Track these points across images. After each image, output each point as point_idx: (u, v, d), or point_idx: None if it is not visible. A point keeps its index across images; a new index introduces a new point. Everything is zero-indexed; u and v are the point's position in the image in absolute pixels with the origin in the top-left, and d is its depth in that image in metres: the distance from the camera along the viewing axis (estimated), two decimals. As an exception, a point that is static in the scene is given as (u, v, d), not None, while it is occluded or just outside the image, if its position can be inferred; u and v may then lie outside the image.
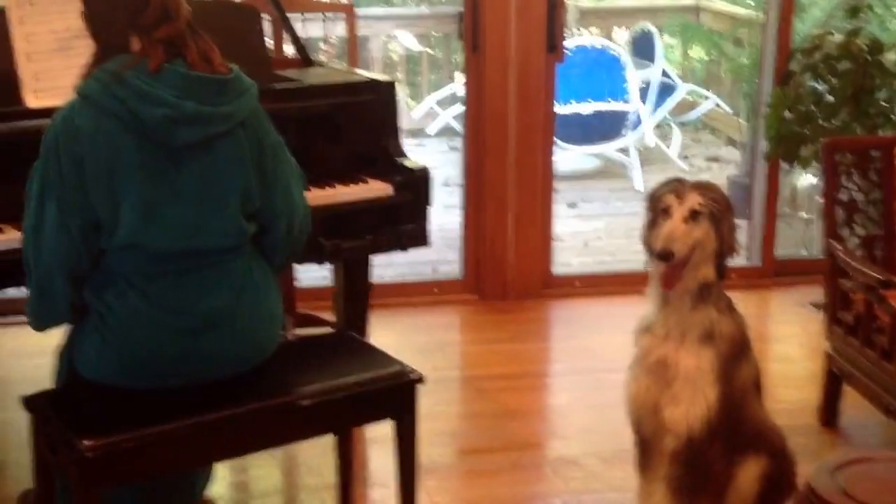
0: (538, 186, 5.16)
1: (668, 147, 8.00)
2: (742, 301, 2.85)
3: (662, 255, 2.89)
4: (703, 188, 2.97)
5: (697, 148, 8.56)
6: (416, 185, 3.66)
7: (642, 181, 7.38)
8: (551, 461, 3.80)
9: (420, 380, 3.01)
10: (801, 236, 6.05)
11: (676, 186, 2.96)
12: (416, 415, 3.03)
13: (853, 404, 3.94)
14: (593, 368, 4.48)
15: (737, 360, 3.01)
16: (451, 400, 4.28)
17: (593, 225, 6.95)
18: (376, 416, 3.06)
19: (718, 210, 2.93)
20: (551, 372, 4.67)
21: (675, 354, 2.98)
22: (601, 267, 5.89)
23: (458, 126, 7.15)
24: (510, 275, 5.16)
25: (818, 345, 4.63)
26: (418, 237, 3.73)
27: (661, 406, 3.00)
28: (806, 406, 4.07)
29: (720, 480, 3.04)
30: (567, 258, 5.91)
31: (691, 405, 2.94)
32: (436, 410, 4.02)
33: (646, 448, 3.13)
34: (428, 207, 3.70)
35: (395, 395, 3.00)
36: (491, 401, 4.23)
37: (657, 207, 2.97)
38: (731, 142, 8.31)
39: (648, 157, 7.88)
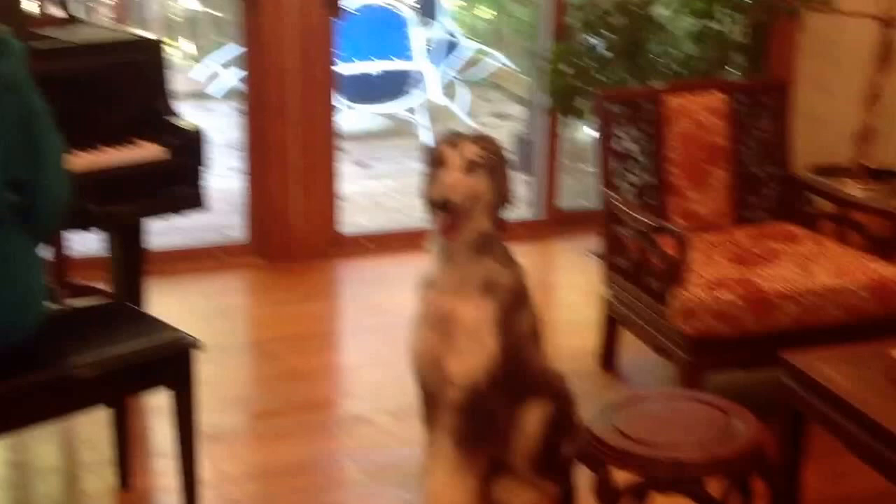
0: (322, 146, 5.11)
1: (457, 106, 8.04)
2: (527, 252, 2.91)
3: (441, 205, 2.90)
4: (479, 139, 3.01)
5: (486, 106, 8.63)
6: (190, 147, 3.57)
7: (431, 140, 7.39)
8: (341, 420, 3.79)
9: (195, 345, 2.95)
10: (584, 188, 6.18)
11: (452, 138, 2.98)
12: (194, 381, 2.97)
13: (630, 347, 4.07)
14: (382, 325, 4.48)
15: (516, 309, 3.06)
16: (239, 365, 4.21)
17: (384, 184, 6.93)
18: (151, 385, 2.99)
19: (494, 161, 2.97)
20: (340, 331, 4.65)
21: (455, 307, 3.00)
22: (388, 225, 5.89)
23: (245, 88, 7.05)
24: (296, 236, 5.11)
25: (598, 292, 4.78)
26: (194, 200, 3.64)
27: (444, 359, 3.02)
28: (587, 351, 4.17)
29: (504, 428, 3.08)
30: (358, 218, 5.88)
31: (472, 356, 2.98)
32: (223, 376, 3.96)
33: (430, 401, 3.15)
34: (203, 169, 3.62)
35: (171, 363, 2.94)
36: (279, 363, 4.18)
37: (434, 159, 2.98)
38: (519, 99, 8.41)
39: (437, 117, 7.89)
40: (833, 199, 4.08)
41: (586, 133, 6.42)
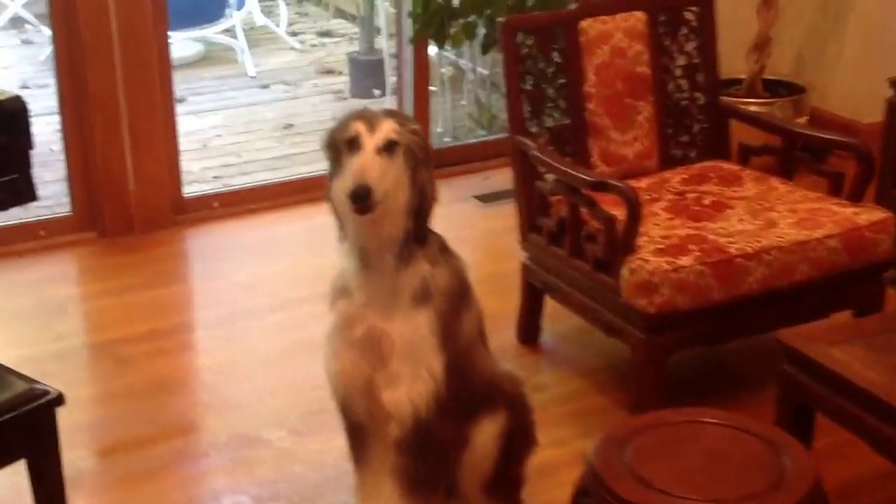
0: (153, 85, 4.28)
1: (277, 25, 7.31)
2: None
3: (358, 195, 2.22)
4: (399, 115, 2.39)
5: (306, 23, 7.93)
6: (8, 123, 2.76)
7: (253, 65, 6.79)
8: (227, 443, 3.07)
9: (59, 401, 2.23)
10: (445, 120, 5.53)
11: (365, 113, 2.32)
12: (59, 446, 2.25)
13: (548, 314, 3.51)
14: (255, 310, 3.76)
15: (459, 312, 2.45)
16: (84, 379, 3.42)
17: (209, 121, 6.19)
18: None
19: (417, 146, 2.32)
20: (205, 322, 3.84)
21: (385, 325, 2.36)
22: (238, 181, 5.13)
23: (27, 15, 6.61)
24: (133, 202, 4.29)
25: (495, 245, 4.19)
26: (23, 191, 2.83)
27: (377, 388, 2.39)
28: (496, 318, 3.57)
29: (454, 454, 2.48)
30: (188, 164, 5.07)
31: (414, 382, 2.35)
32: (67, 396, 3.18)
33: (360, 435, 2.52)
34: (29, 151, 2.82)
35: (25, 428, 2.20)
36: (136, 372, 3.42)
37: (342, 140, 2.30)
38: (341, 13, 7.73)
39: (256, 38, 7.21)
40: (778, 131, 3.56)
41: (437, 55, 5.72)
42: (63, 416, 2.28)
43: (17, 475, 2.35)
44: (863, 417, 2.39)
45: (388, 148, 2.27)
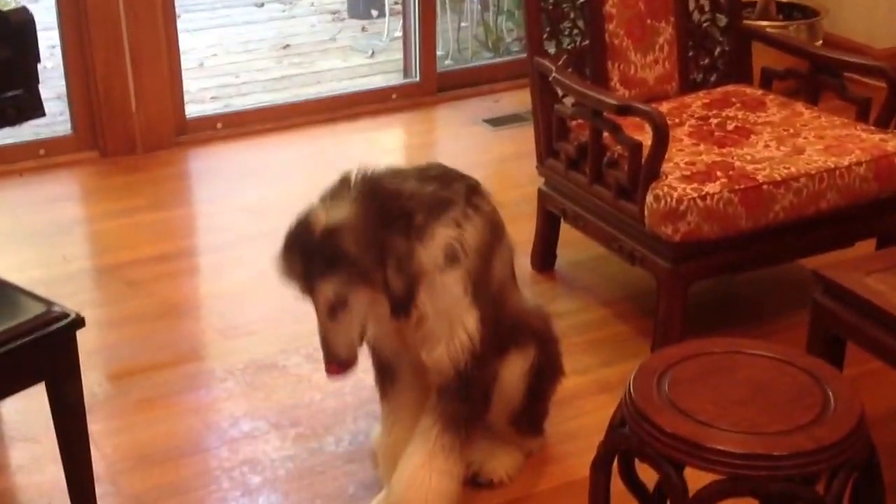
0: (154, 1, 4.16)
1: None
2: (409, 124, 2.22)
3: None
4: (321, 261, 2.14)
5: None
6: (14, 36, 2.67)
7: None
8: (243, 369, 3.01)
9: (79, 323, 2.17)
10: (446, 42, 5.42)
11: (288, 266, 2.18)
12: (79, 369, 2.20)
13: (562, 241, 3.46)
14: (264, 234, 3.63)
15: (491, 260, 2.35)
16: (95, 302, 3.35)
17: (204, 40, 6.09)
18: (20, 385, 2.18)
19: (357, 267, 2.14)
20: (213, 245, 3.74)
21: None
22: (237, 102, 5.04)
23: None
24: (136, 121, 4.19)
25: (507, 171, 4.12)
26: (29, 106, 2.76)
27: (413, 348, 2.34)
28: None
29: (490, 391, 2.43)
30: (184, 84, 4.96)
31: (452, 340, 2.29)
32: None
33: (390, 373, 2.47)
34: (37, 65, 2.73)
35: (45, 350, 2.14)
36: (146, 296, 3.36)
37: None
38: None
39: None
40: (805, 54, 3.48)
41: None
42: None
43: (31, 399, 2.31)
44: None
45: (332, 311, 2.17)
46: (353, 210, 2.14)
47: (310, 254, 2.13)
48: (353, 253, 2.11)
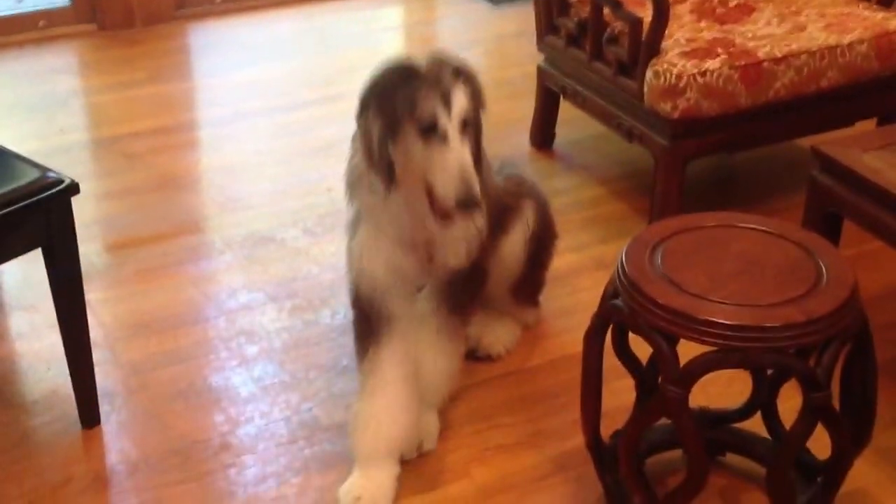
0: None
1: None
2: (408, 1, 2.16)
3: (467, 202, 1.94)
4: (464, 74, 2.00)
5: None
6: None
7: None
8: (241, 242, 3.02)
9: (74, 189, 2.17)
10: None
11: (436, 83, 1.95)
12: (75, 235, 2.21)
13: (561, 120, 3.44)
14: (261, 110, 3.67)
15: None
16: (93, 174, 3.35)
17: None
18: (16, 250, 2.19)
19: (478, 111, 2.04)
20: (211, 120, 3.73)
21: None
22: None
23: None
24: (133, -5, 4.15)
25: (507, 49, 4.08)
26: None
27: (422, 262, 2.23)
28: (508, 123, 3.51)
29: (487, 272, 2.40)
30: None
31: (464, 246, 2.21)
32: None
33: (375, 318, 2.28)
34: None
35: (42, 215, 2.15)
36: (144, 168, 3.36)
37: (410, 116, 1.96)
38: None
39: None
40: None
41: None
42: (74, 210, 2.22)
43: (30, 267, 2.32)
44: (893, 224, 2.35)
45: (464, 128, 1.98)
46: None
47: (441, 64, 1.96)
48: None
